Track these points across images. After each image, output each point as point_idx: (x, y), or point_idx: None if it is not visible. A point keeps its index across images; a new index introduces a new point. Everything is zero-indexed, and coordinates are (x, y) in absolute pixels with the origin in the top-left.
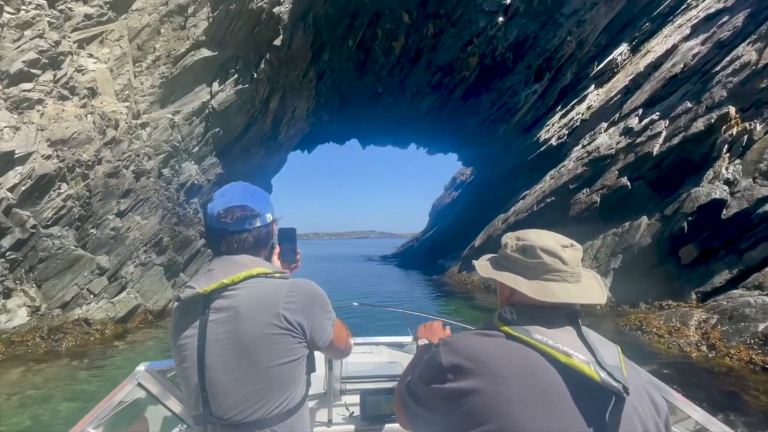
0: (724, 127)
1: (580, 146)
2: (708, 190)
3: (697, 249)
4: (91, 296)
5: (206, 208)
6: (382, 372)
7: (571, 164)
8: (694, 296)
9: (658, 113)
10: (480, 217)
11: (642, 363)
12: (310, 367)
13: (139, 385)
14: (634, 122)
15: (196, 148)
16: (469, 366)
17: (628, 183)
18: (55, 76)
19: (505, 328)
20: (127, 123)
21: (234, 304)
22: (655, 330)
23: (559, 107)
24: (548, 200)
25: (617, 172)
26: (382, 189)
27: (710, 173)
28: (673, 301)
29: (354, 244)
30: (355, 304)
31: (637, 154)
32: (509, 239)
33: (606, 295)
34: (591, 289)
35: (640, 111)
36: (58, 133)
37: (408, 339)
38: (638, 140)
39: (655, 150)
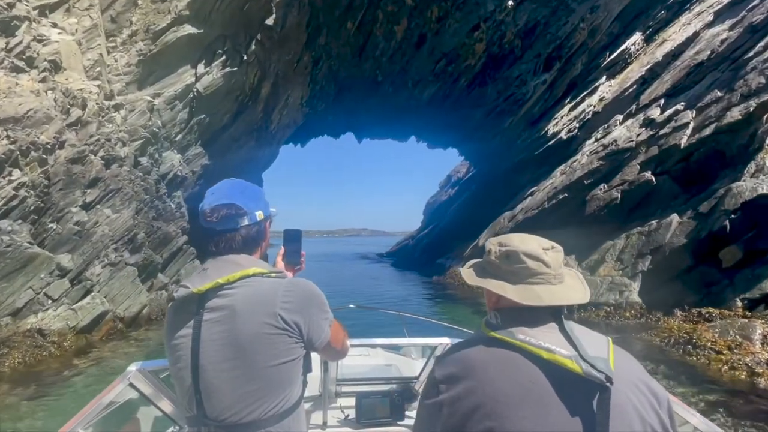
0: (766, 116)
1: (593, 140)
2: (752, 184)
3: (740, 250)
4: (49, 302)
5: (199, 207)
6: (378, 375)
7: (585, 158)
8: (739, 303)
9: (682, 103)
10: (482, 214)
11: (704, 392)
12: (306, 368)
13: (131, 385)
14: (655, 113)
15: (179, 136)
16: (457, 373)
17: (653, 178)
18: (7, 44)
19: (491, 333)
20: (97, 104)
21: (230, 303)
22: (709, 345)
23: (568, 99)
24: (560, 197)
25: (639, 167)
26: (374, 187)
27: (752, 166)
28: (713, 309)
29: (346, 242)
30: (351, 305)
31: (662, 146)
32: (492, 245)
33: (588, 294)
34: (574, 288)
35: (662, 101)
36: (10, 110)
37: (405, 341)
38: (661, 132)
39: (683, 142)
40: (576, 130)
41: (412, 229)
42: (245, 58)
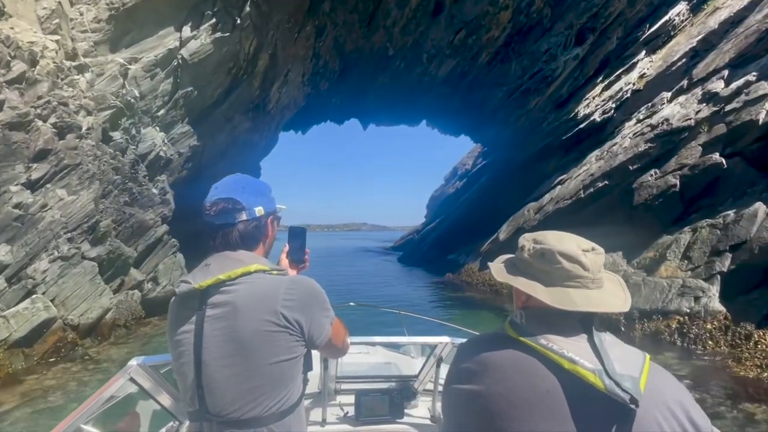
0: None
1: (634, 121)
2: None
3: None
4: None
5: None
6: (378, 373)
7: (628, 141)
8: None
9: (754, 74)
10: (498, 206)
11: None
12: (307, 366)
13: (131, 380)
14: (718, 86)
15: (162, 111)
16: (474, 369)
17: (722, 160)
18: None
19: (512, 333)
20: (54, 62)
21: (231, 299)
22: None
23: (600, 78)
24: (599, 185)
25: (701, 148)
26: (374, 181)
27: None
28: None
29: (347, 236)
30: (351, 303)
31: (731, 124)
32: (526, 241)
33: (629, 302)
34: (614, 294)
35: (725, 73)
36: None
37: (405, 339)
38: (729, 107)
39: (761, 118)
40: (612, 111)
41: (413, 224)
42: (238, 22)
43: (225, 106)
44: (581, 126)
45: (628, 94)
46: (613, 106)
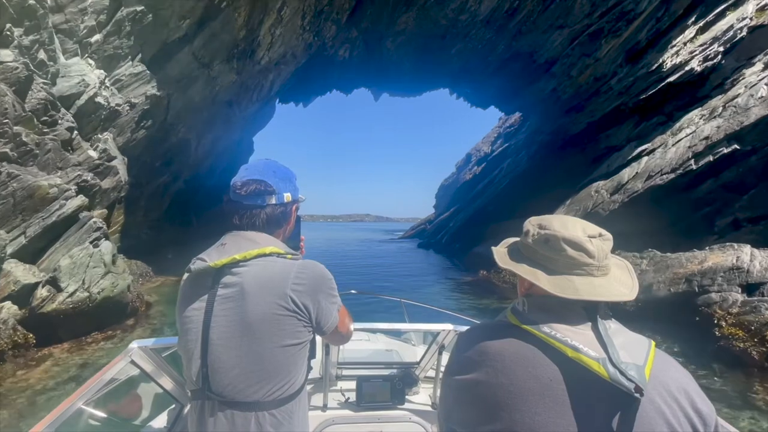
0: None
1: (760, 65)
2: None
3: None
4: None
5: (231, 182)
6: (379, 359)
7: (765, 90)
8: None
9: None
10: (542, 188)
11: None
12: (312, 353)
13: (132, 362)
14: None
15: (97, 36)
16: (474, 358)
17: None
18: None
19: (514, 321)
20: None
21: (242, 280)
22: None
23: (693, 19)
24: (722, 150)
25: None
26: (378, 173)
27: None
28: None
29: (352, 227)
30: (353, 291)
31: None
32: (531, 226)
33: (636, 290)
34: (621, 282)
35: None
36: None
37: (407, 326)
38: None
39: None
40: (719, 57)
41: (416, 215)
42: None
43: (197, 43)
44: (670, 79)
45: (743, 33)
46: (720, 50)
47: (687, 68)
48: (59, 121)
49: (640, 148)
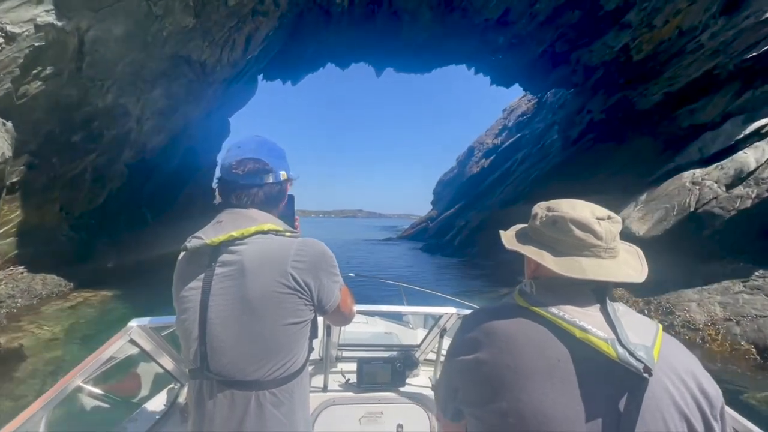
0: None
1: None
2: None
3: None
4: None
5: (221, 160)
6: (379, 341)
7: None
8: None
9: None
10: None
11: None
12: (314, 333)
13: (131, 341)
14: None
15: None
16: (481, 338)
17: None
18: None
19: (521, 302)
20: None
21: (241, 258)
22: None
23: None
24: None
25: None
26: (371, 168)
27: None
28: None
29: (345, 223)
30: (351, 274)
31: None
32: (539, 209)
33: (645, 273)
34: (629, 265)
35: None
36: None
37: (410, 309)
38: None
39: None
40: None
41: (409, 212)
42: None
43: None
44: None
45: None
46: None
47: None
48: None
49: (756, 124)
